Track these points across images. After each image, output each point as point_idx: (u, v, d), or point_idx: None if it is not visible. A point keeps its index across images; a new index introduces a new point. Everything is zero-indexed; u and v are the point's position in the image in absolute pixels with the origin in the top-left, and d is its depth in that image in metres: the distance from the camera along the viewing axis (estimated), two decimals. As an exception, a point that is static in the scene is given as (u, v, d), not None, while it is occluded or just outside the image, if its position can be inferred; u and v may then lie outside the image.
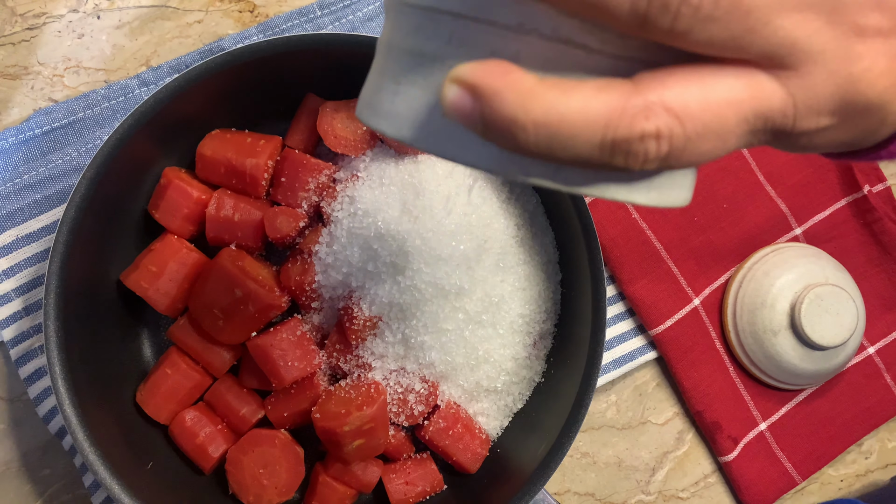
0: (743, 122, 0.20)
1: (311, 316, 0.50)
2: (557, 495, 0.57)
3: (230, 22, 0.55)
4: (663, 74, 0.20)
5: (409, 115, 0.23)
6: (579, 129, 0.19)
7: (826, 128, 0.22)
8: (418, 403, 0.49)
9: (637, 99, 0.19)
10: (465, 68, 0.20)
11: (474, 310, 0.48)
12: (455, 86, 0.20)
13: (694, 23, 0.19)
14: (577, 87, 0.19)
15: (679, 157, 0.20)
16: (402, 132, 0.23)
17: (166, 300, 0.48)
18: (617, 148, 0.20)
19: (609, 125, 0.19)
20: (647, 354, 0.57)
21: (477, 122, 0.20)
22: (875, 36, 0.20)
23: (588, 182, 0.22)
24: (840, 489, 0.61)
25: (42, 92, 0.53)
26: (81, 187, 0.43)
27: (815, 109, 0.21)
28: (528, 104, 0.19)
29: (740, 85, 0.20)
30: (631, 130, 0.19)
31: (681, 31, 0.19)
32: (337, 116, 0.50)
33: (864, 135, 0.23)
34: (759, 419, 0.58)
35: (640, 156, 0.20)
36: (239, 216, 0.49)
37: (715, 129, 0.20)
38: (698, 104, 0.20)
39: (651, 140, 0.19)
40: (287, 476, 0.49)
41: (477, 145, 0.22)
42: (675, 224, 0.58)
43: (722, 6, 0.19)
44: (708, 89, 0.20)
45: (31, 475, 0.52)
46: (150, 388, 0.49)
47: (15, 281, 0.50)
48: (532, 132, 0.19)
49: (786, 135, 0.22)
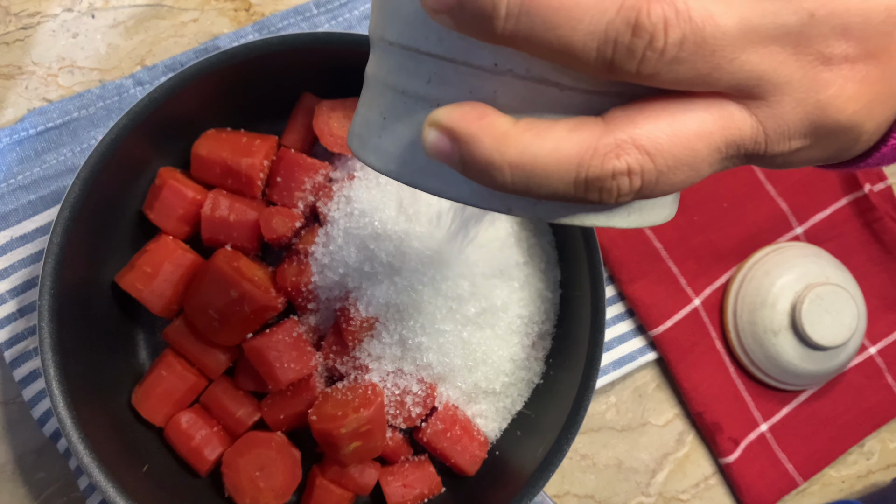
0: (714, 152, 0.21)
1: (308, 317, 0.49)
2: (557, 497, 0.57)
3: (225, 21, 0.54)
4: (633, 111, 0.20)
5: (394, 151, 0.23)
6: (553, 170, 0.20)
7: (800, 149, 0.22)
8: (416, 405, 0.48)
9: (608, 138, 0.20)
10: (443, 112, 0.21)
11: (472, 311, 0.47)
12: (434, 129, 0.21)
13: (660, 66, 0.19)
14: (549, 129, 0.20)
15: (653, 190, 0.21)
16: (389, 167, 0.24)
17: (161, 301, 0.47)
18: (591, 185, 0.20)
19: (581, 164, 0.20)
20: (646, 355, 0.57)
21: (457, 163, 0.21)
22: (842, 63, 0.21)
23: (568, 213, 0.23)
24: (841, 490, 0.61)
25: (36, 92, 0.52)
26: (76, 188, 0.43)
27: (786, 135, 0.21)
28: (503, 147, 0.20)
29: (710, 117, 0.21)
30: (603, 169, 0.20)
31: (648, 74, 0.20)
32: (333, 115, 0.49)
33: (838, 152, 0.23)
34: (759, 420, 0.58)
35: (614, 192, 0.20)
36: (234, 216, 0.48)
37: (686, 161, 0.20)
38: (668, 139, 0.20)
39: (623, 177, 0.20)
40: (284, 479, 0.48)
41: (459, 182, 0.23)
42: (674, 224, 0.58)
43: (686, 48, 0.19)
44: (677, 123, 0.20)
45: (26, 478, 0.52)
46: (145, 391, 0.48)
47: (9, 282, 0.50)
48: (508, 173, 0.20)
49: (759, 157, 0.22)
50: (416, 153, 0.23)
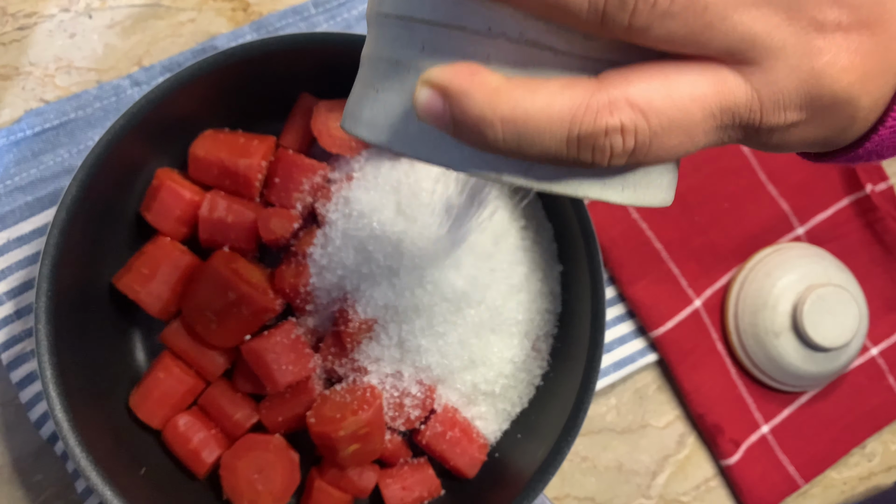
0: (710, 118, 0.21)
1: (306, 319, 0.49)
2: (557, 500, 0.56)
3: (223, 21, 0.54)
4: (627, 71, 0.20)
5: (386, 122, 0.24)
6: (545, 126, 0.20)
7: (795, 123, 0.22)
8: (415, 407, 0.48)
9: (601, 94, 0.20)
10: (435, 71, 0.21)
11: (471, 313, 0.47)
12: (426, 88, 0.21)
13: (651, 19, 0.19)
14: (542, 85, 0.20)
15: (646, 153, 0.21)
16: (380, 137, 0.24)
17: (159, 303, 0.47)
18: (583, 143, 0.20)
19: (574, 121, 0.20)
20: (647, 357, 0.57)
21: (448, 123, 0.21)
22: (835, 31, 0.21)
23: (560, 178, 0.22)
24: (843, 492, 0.60)
25: (33, 92, 0.52)
26: (72, 189, 0.43)
27: (780, 104, 0.21)
28: (495, 102, 0.20)
29: (704, 80, 0.20)
30: (595, 125, 0.20)
31: (639, 28, 0.19)
32: (331, 116, 0.49)
33: (835, 132, 0.23)
34: (760, 422, 0.58)
35: (607, 151, 0.20)
36: (232, 218, 0.48)
37: (680, 123, 0.20)
38: (662, 99, 0.20)
39: (616, 134, 0.20)
40: (282, 481, 0.48)
41: (450, 147, 0.23)
42: (675, 224, 0.57)
43: (678, 2, 0.19)
44: (672, 84, 0.20)
45: (24, 481, 0.51)
46: (142, 393, 0.48)
47: (6, 284, 0.50)
48: (500, 129, 0.20)
49: (755, 130, 0.22)
50: (409, 122, 0.23)
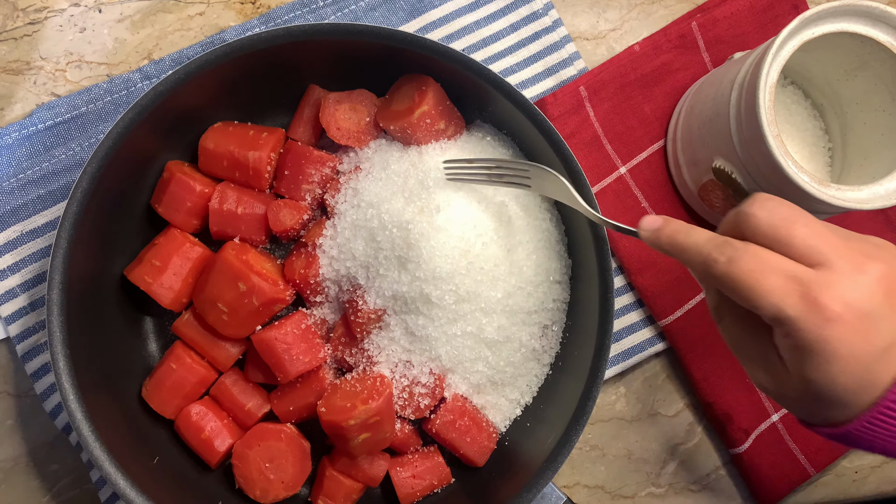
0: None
1: (316, 309, 0.49)
2: (566, 488, 0.57)
3: (232, 14, 0.54)
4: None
5: None
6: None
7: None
8: (425, 396, 0.48)
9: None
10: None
11: (481, 303, 0.47)
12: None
13: (723, 279, 0.34)
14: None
15: None
16: None
17: (170, 294, 0.48)
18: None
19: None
20: (656, 346, 0.57)
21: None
22: None
23: None
24: (854, 481, 0.60)
25: (45, 87, 0.52)
26: (83, 182, 0.43)
27: None
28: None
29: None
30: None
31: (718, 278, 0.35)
32: (340, 108, 0.49)
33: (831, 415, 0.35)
34: (771, 410, 0.58)
35: None
36: (242, 209, 0.48)
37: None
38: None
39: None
40: (293, 470, 0.48)
41: None
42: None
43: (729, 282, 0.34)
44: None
45: (40, 470, 0.52)
46: (155, 383, 0.48)
47: (20, 276, 0.50)
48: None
49: None
50: None
